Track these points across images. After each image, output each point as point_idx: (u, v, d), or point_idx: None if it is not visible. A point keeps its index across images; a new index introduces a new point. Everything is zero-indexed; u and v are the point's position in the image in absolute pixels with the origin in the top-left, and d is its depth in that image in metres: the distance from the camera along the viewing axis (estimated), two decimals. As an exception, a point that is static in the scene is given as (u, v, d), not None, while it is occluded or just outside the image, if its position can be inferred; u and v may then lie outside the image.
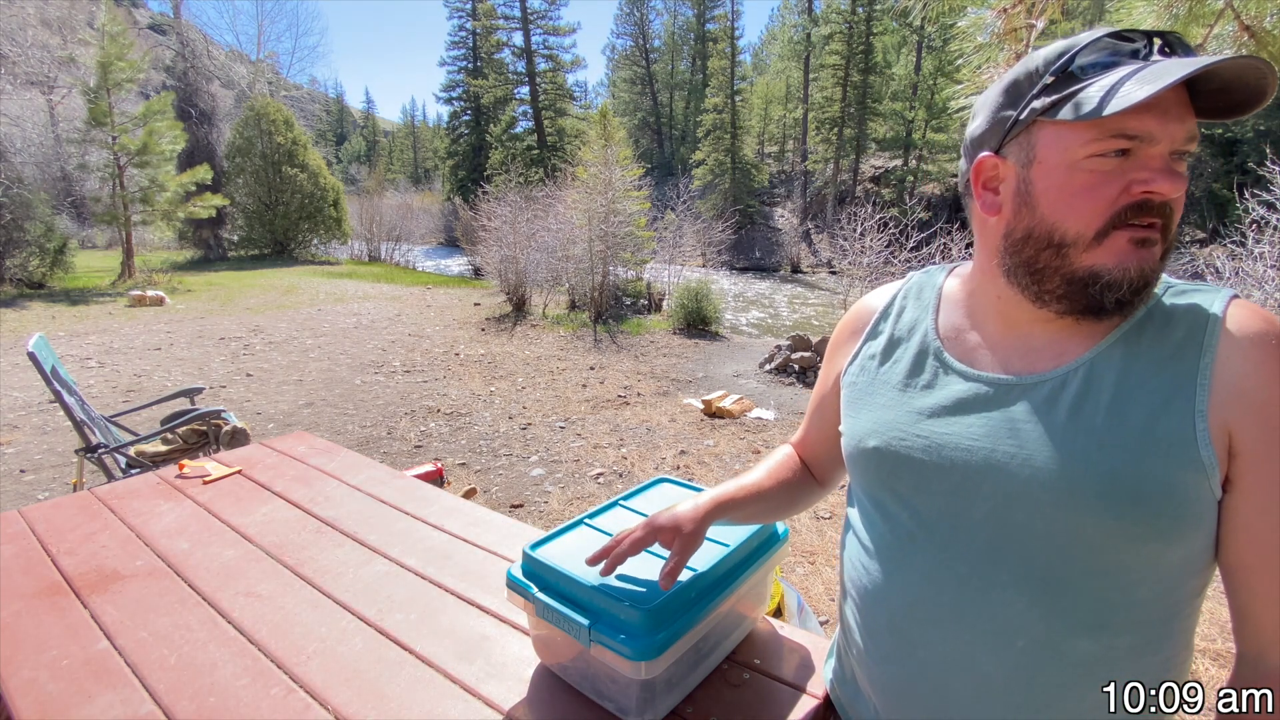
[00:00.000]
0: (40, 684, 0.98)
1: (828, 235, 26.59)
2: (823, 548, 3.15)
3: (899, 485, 0.71)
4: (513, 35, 37.05)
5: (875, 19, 27.77)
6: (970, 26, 2.29)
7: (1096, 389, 0.60)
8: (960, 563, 0.65)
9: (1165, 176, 0.57)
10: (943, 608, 0.66)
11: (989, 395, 0.66)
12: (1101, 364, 0.61)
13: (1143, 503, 0.57)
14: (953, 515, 0.66)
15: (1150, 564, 0.59)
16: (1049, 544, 0.60)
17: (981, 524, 0.64)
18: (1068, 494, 0.59)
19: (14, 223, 11.40)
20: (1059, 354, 0.64)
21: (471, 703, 0.97)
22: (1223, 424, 0.56)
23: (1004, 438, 0.63)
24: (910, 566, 0.69)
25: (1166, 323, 0.61)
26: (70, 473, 3.84)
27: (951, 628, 0.65)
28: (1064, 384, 0.62)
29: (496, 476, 4.09)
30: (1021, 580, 0.62)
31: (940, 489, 0.67)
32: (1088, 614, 0.60)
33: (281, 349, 7.62)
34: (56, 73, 18.70)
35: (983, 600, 0.63)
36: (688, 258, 13.94)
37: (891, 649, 0.71)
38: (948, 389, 0.70)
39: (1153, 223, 0.59)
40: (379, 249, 21.81)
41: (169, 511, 1.57)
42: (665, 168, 39.27)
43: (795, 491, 0.94)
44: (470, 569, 1.33)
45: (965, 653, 0.65)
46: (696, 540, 0.84)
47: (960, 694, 0.66)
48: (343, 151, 72.50)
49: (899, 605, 0.70)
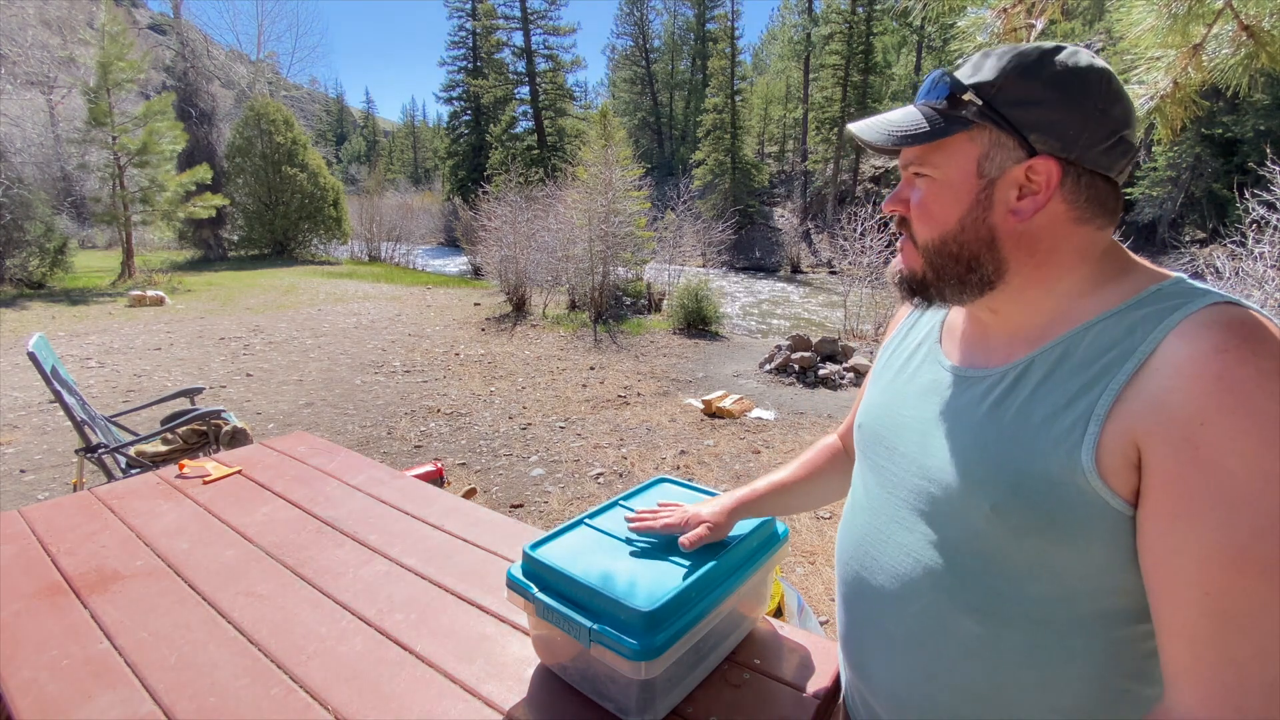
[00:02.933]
0: (40, 684, 0.98)
1: (828, 235, 26.59)
2: (823, 548, 3.15)
3: (868, 460, 0.80)
4: (513, 35, 37.04)
5: (875, 19, 27.75)
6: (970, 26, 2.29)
7: (1021, 386, 0.64)
8: (885, 529, 0.74)
9: (889, 198, 0.72)
10: (866, 569, 0.75)
11: (947, 384, 0.72)
12: (1039, 362, 0.63)
13: (1018, 495, 0.59)
14: (890, 487, 0.74)
15: (1038, 562, 0.60)
16: (948, 524, 0.66)
17: (906, 500, 0.72)
18: (962, 478, 0.65)
19: (14, 223, 11.40)
20: (1009, 352, 0.67)
21: (471, 703, 0.97)
22: (1129, 433, 0.54)
23: (940, 423, 0.70)
24: (853, 528, 0.80)
25: (1117, 326, 0.60)
26: (70, 473, 3.84)
27: (870, 586, 0.74)
28: (1000, 379, 0.66)
29: (496, 476, 4.08)
30: (923, 552, 0.68)
31: (890, 465, 0.75)
32: (973, 596, 0.64)
33: (281, 349, 7.62)
34: (56, 73, 18.69)
35: (895, 566, 0.71)
36: (688, 258, 13.94)
37: (842, 603, 0.81)
38: (925, 377, 0.76)
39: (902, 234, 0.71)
40: (379, 249, 21.80)
41: (169, 511, 1.57)
42: (665, 168, 39.24)
43: (831, 477, 1.02)
44: (470, 569, 1.33)
45: (876, 611, 0.73)
46: (723, 531, 1.00)
47: (873, 651, 0.75)
48: (343, 151, 72.49)
49: (841, 563, 0.81)
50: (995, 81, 0.62)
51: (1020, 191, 0.63)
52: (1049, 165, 0.60)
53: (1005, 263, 0.65)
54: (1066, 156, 0.60)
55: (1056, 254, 0.64)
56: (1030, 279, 0.65)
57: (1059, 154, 0.60)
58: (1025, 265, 0.65)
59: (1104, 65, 0.61)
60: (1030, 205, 0.62)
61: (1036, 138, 0.60)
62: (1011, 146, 0.62)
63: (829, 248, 24.44)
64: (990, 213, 0.64)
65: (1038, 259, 0.64)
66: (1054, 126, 0.60)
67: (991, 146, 0.63)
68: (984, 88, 0.62)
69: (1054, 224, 0.63)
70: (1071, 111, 0.60)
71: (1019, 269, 0.65)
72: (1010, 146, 0.62)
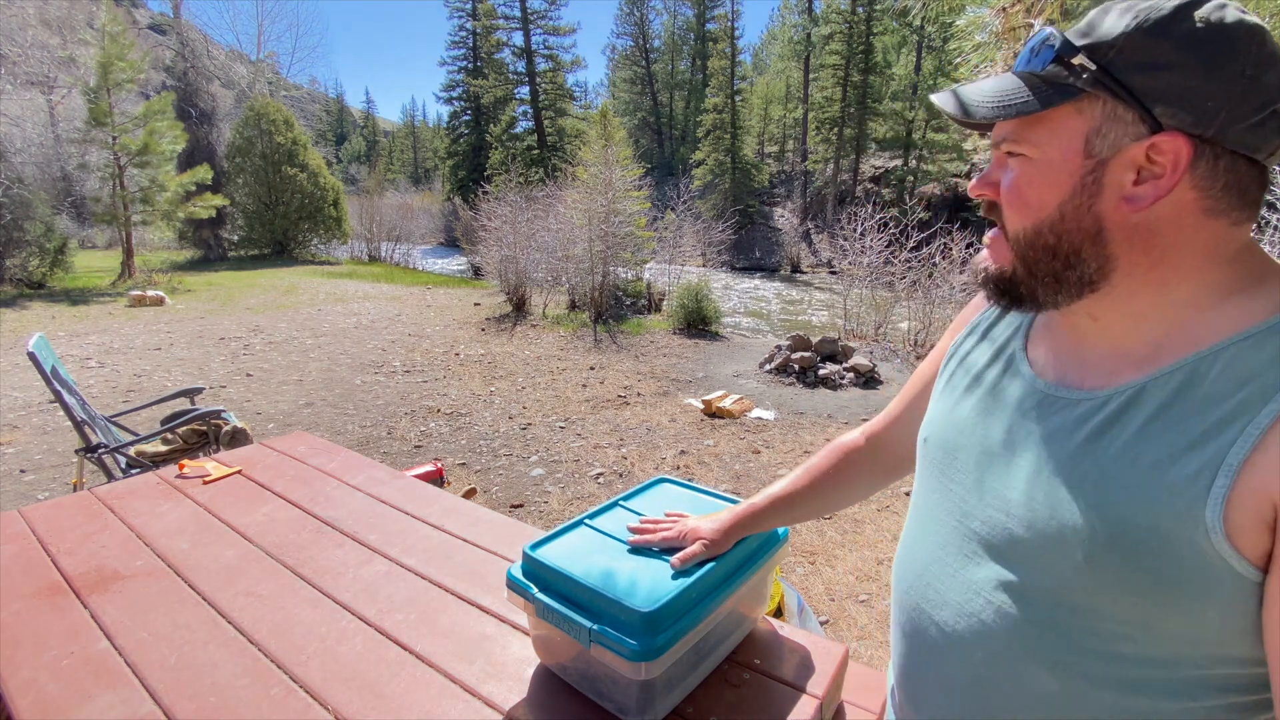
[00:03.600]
0: (40, 684, 0.98)
1: (828, 235, 26.59)
2: (823, 548, 3.15)
3: (934, 480, 0.71)
4: (513, 35, 37.07)
5: (875, 19, 27.75)
6: (969, 25, 2.29)
7: (1128, 417, 0.54)
8: (952, 560, 0.65)
9: (977, 178, 0.62)
10: (929, 601, 0.67)
11: (1034, 403, 0.63)
12: (1152, 390, 0.54)
13: (1119, 548, 0.51)
14: (960, 515, 0.66)
15: (1136, 621, 0.52)
16: (1028, 566, 0.58)
17: (979, 529, 0.63)
18: (1050, 520, 0.56)
19: (14, 223, 11.40)
20: (1111, 371, 0.58)
21: (471, 703, 0.97)
22: (1266, 490, 0.46)
23: (1025, 450, 0.61)
24: (915, 554, 0.71)
25: (1256, 353, 0.50)
26: (70, 473, 3.84)
27: (933, 622, 0.66)
28: (1101, 406, 0.57)
29: (496, 476, 4.08)
30: (994, 590, 0.60)
31: (960, 490, 0.67)
32: (1053, 649, 0.56)
33: (281, 349, 7.62)
34: (56, 73, 18.67)
35: (959, 602, 0.63)
36: (688, 258, 13.93)
37: (897, 633, 0.73)
38: (1006, 392, 0.67)
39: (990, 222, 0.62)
40: (379, 249, 21.80)
41: (169, 511, 1.57)
42: (665, 168, 39.25)
43: (843, 484, 0.94)
44: (470, 569, 1.33)
45: (938, 650, 0.66)
46: (720, 549, 0.97)
47: (932, 691, 0.68)
48: (343, 151, 72.49)
49: (900, 590, 0.72)
50: (1115, 41, 0.51)
51: (1139, 175, 0.52)
52: (1177, 143, 0.49)
53: (1112, 260, 0.55)
54: (1200, 134, 0.49)
55: (1177, 252, 0.53)
56: (1141, 282, 0.55)
57: (1191, 130, 0.49)
58: (1137, 265, 0.55)
59: (1256, 21, 0.50)
60: (1150, 191, 0.52)
61: (1163, 110, 0.49)
62: (1130, 120, 0.51)
63: (829, 248, 24.43)
64: (1098, 199, 0.54)
65: (1153, 257, 0.54)
66: (1187, 96, 0.49)
67: (1104, 120, 0.52)
68: (1099, 49, 0.51)
69: (1179, 215, 0.52)
70: (1211, 78, 0.48)
71: (1129, 269, 0.55)
72: (1129, 120, 0.51)
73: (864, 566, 2.99)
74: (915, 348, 7.76)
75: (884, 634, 2.50)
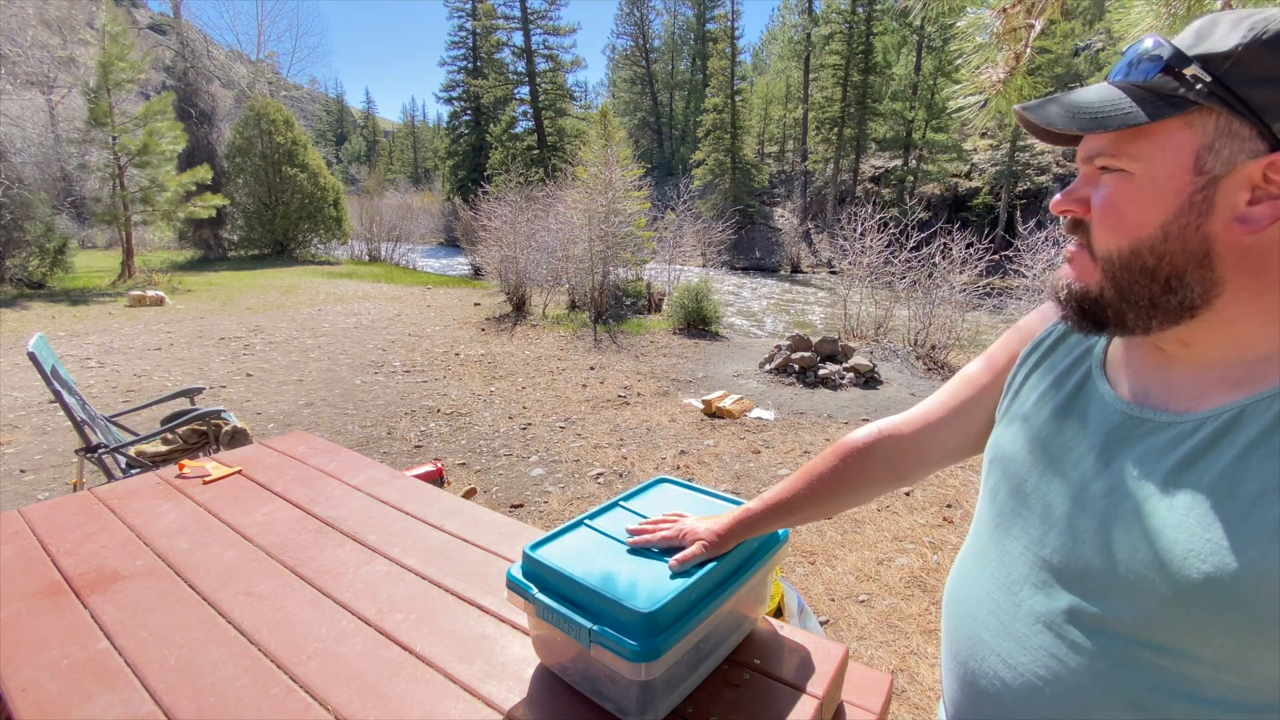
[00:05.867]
0: (40, 684, 0.98)
1: (828, 235, 26.60)
2: (823, 548, 3.15)
3: (1000, 504, 0.68)
4: (513, 35, 37.13)
5: (875, 19, 27.77)
6: (969, 26, 2.29)
7: (1225, 444, 0.51)
8: (1018, 589, 0.62)
9: (1061, 193, 0.59)
10: (990, 631, 0.64)
11: (1113, 424, 0.60)
12: (1252, 415, 0.50)
13: (1214, 588, 0.48)
14: (1028, 541, 0.63)
15: (1227, 664, 0.49)
16: (1109, 599, 0.55)
17: (1049, 556, 0.60)
18: (1134, 552, 0.53)
19: (14, 223, 11.40)
20: (1201, 393, 0.55)
21: (471, 703, 0.97)
22: None
23: (1104, 474, 0.58)
24: (974, 579, 0.69)
25: None
26: (70, 473, 3.84)
27: (995, 654, 0.63)
28: (1195, 430, 0.53)
29: (496, 476, 4.08)
30: (1065, 625, 0.57)
31: (1029, 515, 0.64)
32: (1133, 689, 0.53)
33: (281, 349, 7.62)
34: (56, 73, 18.69)
35: (1025, 635, 0.60)
36: (688, 258, 13.93)
37: (950, 664, 0.71)
38: (1082, 410, 0.64)
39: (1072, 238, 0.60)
40: (379, 249, 21.81)
41: (169, 511, 1.57)
42: (665, 168, 39.28)
43: (847, 487, 0.89)
44: (470, 569, 1.33)
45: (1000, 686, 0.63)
46: (719, 551, 0.96)
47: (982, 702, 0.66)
48: (343, 151, 72.51)
49: (957, 618, 0.70)
50: (1230, 54, 0.48)
51: (1254, 194, 0.49)
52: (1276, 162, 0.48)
53: (1219, 284, 0.52)
54: None
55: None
56: (1249, 308, 0.52)
57: None
58: (1246, 289, 0.52)
59: None
60: (1269, 212, 0.49)
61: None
62: (1247, 136, 0.48)
63: (829, 248, 24.44)
64: (1207, 220, 0.51)
65: (1263, 282, 0.51)
66: None
67: (1218, 135, 0.49)
68: (1214, 60, 0.49)
69: None
70: None
71: (1236, 294, 0.52)
72: (1245, 136, 0.49)
73: (864, 566, 2.99)
74: (915, 348, 7.76)
75: (883, 634, 2.50)
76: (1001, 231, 17.02)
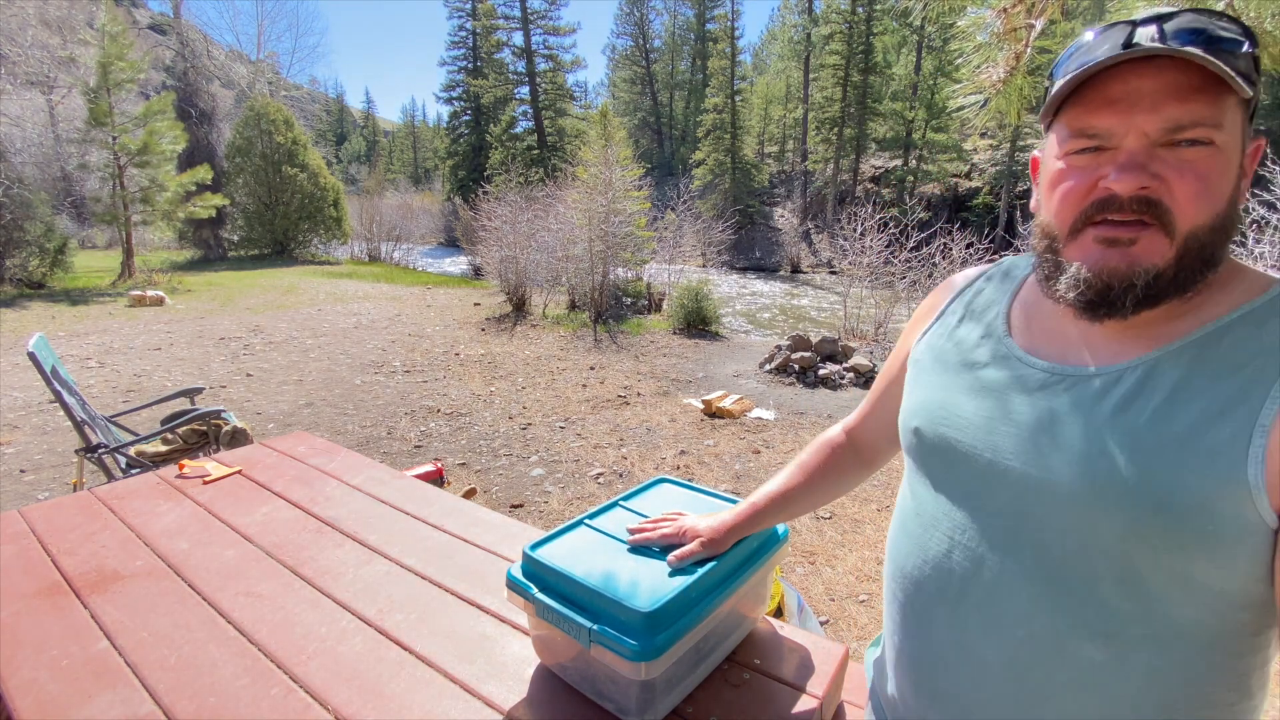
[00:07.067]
0: (40, 684, 0.98)
1: (828, 235, 26.60)
2: (823, 548, 3.15)
3: (932, 466, 0.71)
4: (513, 35, 37.09)
5: (875, 19, 27.75)
6: (970, 26, 2.29)
7: (1151, 389, 0.56)
8: (974, 547, 0.64)
9: (1125, 171, 0.54)
10: (951, 589, 0.66)
11: (1039, 382, 0.63)
12: (1166, 364, 0.56)
13: (1165, 512, 0.53)
14: (975, 498, 0.65)
15: (1176, 581, 0.55)
16: (1065, 541, 0.58)
17: (1000, 511, 0.63)
18: (1089, 492, 0.56)
19: (14, 223, 11.39)
20: (1118, 351, 0.60)
21: (471, 703, 0.97)
22: None
23: (1042, 427, 0.61)
24: (928, 546, 0.69)
25: (1260, 326, 0.55)
26: (70, 473, 3.84)
27: (957, 610, 0.65)
28: (1118, 380, 0.58)
29: (496, 476, 4.08)
30: (1032, 572, 0.60)
31: (968, 473, 0.66)
32: (1096, 619, 0.57)
33: (281, 349, 7.62)
34: (56, 73, 18.67)
35: (991, 587, 0.62)
36: (688, 258, 13.94)
37: (907, 625, 0.72)
38: (1000, 372, 0.67)
39: (1127, 219, 0.55)
40: (379, 249, 21.80)
41: (169, 511, 1.57)
42: (665, 168, 39.28)
43: (832, 477, 0.96)
44: (470, 569, 1.33)
45: (967, 637, 0.64)
46: (719, 548, 0.97)
47: (960, 677, 0.66)
48: (343, 151, 72.53)
49: (913, 583, 0.71)
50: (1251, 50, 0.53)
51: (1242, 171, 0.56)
52: (1260, 146, 0.56)
53: (1225, 257, 0.57)
54: None
55: None
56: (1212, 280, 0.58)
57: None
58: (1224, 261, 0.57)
59: None
60: (1245, 188, 0.56)
61: None
62: (1244, 120, 0.55)
63: (829, 248, 24.45)
64: (1240, 192, 0.56)
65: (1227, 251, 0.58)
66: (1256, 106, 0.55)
67: (1243, 117, 0.55)
68: None
69: None
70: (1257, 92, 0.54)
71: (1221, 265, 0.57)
72: (1244, 120, 0.55)
73: (864, 566, 2.99)
74: (915, 348, 7.75)
75: (884, 634, 2.50)
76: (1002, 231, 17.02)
